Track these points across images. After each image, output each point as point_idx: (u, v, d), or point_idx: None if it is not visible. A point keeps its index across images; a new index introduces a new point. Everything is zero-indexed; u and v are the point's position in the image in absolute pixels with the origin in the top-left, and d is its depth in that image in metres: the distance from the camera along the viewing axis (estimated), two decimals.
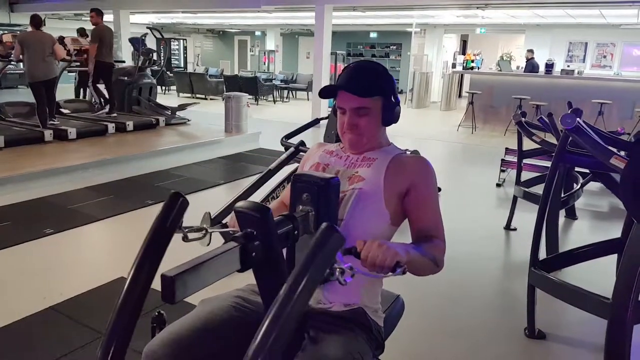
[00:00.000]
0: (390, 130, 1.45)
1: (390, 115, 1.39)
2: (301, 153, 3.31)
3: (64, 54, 6.97)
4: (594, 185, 5.10)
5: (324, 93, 1.38)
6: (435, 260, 1.24)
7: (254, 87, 13.37)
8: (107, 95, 7.89)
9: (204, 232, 1.15)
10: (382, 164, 1.35)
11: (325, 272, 0.88)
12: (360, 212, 1.28)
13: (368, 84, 1.34)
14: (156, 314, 1.56)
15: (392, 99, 1.38)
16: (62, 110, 7.68)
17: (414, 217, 1.33)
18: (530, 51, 10.79)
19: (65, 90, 7.73)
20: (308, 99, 14.11)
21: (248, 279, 1.14)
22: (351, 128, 1.36)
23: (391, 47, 18.50)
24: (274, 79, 15.38)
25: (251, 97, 12.23)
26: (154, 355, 1.13)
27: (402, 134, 8.31)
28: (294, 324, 0.79)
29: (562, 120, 2.13)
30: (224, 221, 2.86)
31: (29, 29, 6.64)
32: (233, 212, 1.24)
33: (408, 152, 1.49)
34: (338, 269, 0.92)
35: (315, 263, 0.83)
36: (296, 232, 1.09)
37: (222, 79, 14.47)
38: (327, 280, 1.03)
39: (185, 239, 1.09)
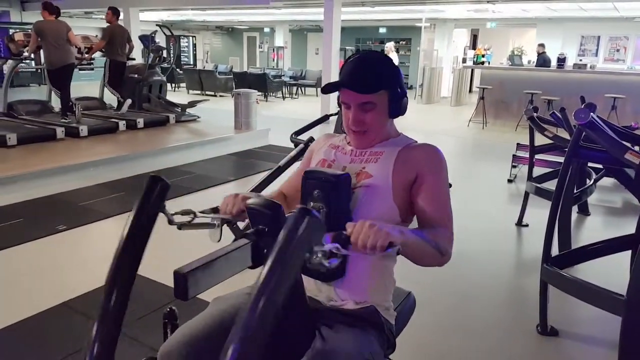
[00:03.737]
0: (400, 126, 1.42)
1: (397, 107, 1.33)
2: None
3: (79, 42, 7.07)
4: (607, 181, 5.03)
5: (327, 90, 1.34)
6: (439, 248, 1.16)
7: (263, 83, 13.37)
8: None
9: (192, 215, 1.17)
10: (390, 157, 1.31)
11: (305, 256, 0.85)
12: (368, 209, 1.25)
13: (372, 79, 1.29)
14: (168, 310, 1.57)
15: (398, 90, 1.32)
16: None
17: (419, 206, 1.27)
18: (542, 45, 10.66)
19: (74, 89, 7.78)
20: (317, 95, 14.10)
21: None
22: (357, 124, 1.31)
23: (401, 42, 18.41)
24: (283, 75, 15.37)
25: (260, 93, 12.23)
26: (169, 356, 1.13)
27: (412, 129, 8.25)
28: (272, 314, 0.75)
29: (576, 115, 2.11)
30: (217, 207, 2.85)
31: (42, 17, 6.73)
32: (224, 197, 1.25)
33: (418, 142, 1.42)
34: (320, 252, 0.88)
35: (291, 248, 0.80)
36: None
37: (232, 76, 14.49)
38: (321, 271, 1.02)
39: (170, 222, 1.11)
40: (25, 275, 2.99)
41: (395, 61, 8.29)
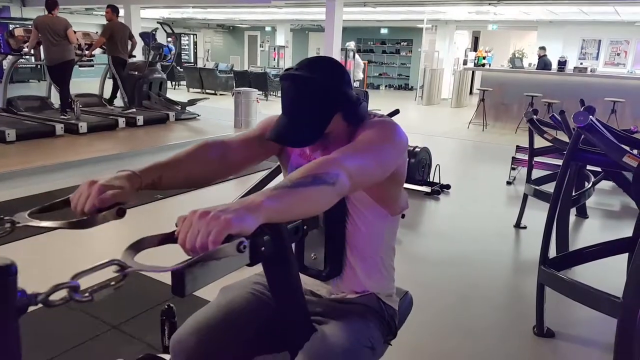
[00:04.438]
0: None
1: (356, 118, 1.16)
2: None
3: (77, 39, 7.10)
4: (605, 184, 5.04)
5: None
6: (323, 181, 0.88)
7: (264, 82, 13.38)
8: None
9: (9, 225, 0.94)
10: None
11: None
12: (352, 219, 1.23)
13: (311, 125, 1.11)
14: (166, 307, 1.57)
15: (350, 102, 1.14)
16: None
17: None
18: (542, 48, 10.67)
19: (74, 85, 7.79)
20: None
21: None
22: (317, 150, 1.20)
23: (402, 43, 18.42)
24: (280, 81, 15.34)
25: (261, 92, 12.23)
26: (181, 344, 1.15)
27: (412, 131, 8.28)
28: None
29: (575, 118, 2.11)
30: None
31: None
32: (81, 185, 1.01)
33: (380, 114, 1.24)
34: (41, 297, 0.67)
35: None
36: (305, 227, 1.09)
37: (232, 75, 14.49)
38: (315, 272, 0.88)
39: None
40: (25, 271, 2.99)
41: (360, 65, 8.11)
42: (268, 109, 10.93)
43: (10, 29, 9.19)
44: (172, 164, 1.13)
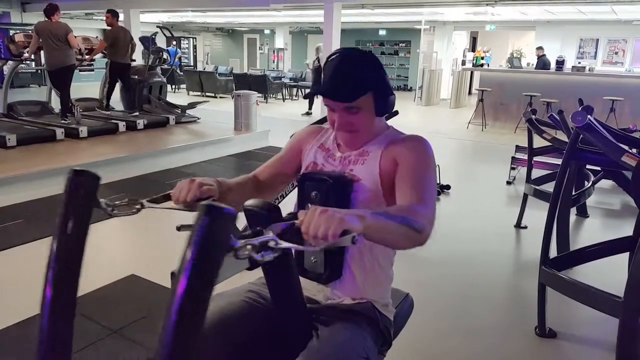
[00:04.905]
0: (399, 128, 1.41)
1: (384, 106, 1.30)
2: None
3: (77, 44, 7.10)
4: (605, 183, 5.05)
5: (309, 97, 1.34)
6: (413, 226, 1.02)
7: (263, 85, 13.39)
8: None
9: (138, 205, 1.08)
10: (376, 157, 1.29)
11: (224, 253, 0.75)
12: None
13: (353, 85, 1.24)
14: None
15: (383, 89, 1.29)
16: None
17: (397, 185, 1.21)
18: (540, 48, 10.67)
19: (74, 90, 7.80)
20: (317, 97, 14.09)
21: (261, 272, 1.15)
22: (343, 127, 1.29)
23: (400, 44, 18.43)
24: (283, 77, 15.38)
25: (260, 95, 12.24)
26: None
27: (411, 131, 8.28)
28: (202, 318, 0.70)
29: (573, 117, 2.12)
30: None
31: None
32: (179, 183, 1.18)
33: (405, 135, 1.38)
34: (250, 246, 0.80)
35: (203, 247, 0.70)
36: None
37: (232, 77, 14.51)
38: (320, 274, 0.95)
39: (111, 214, 1.03)
40: (26, 276, 3.00)
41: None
42: (268, 111, 10.95)
43: (11, 34, 9.19)
44: (234, 187, 1.32)
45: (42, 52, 7.02)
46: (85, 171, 0.91)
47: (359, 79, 1.25)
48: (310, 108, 10.70)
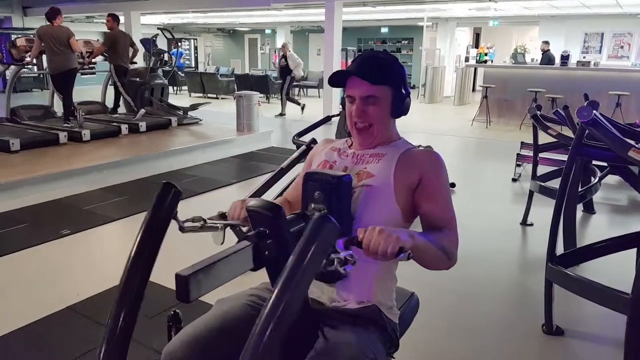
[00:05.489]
0: (403, 126, 1.42)
1: (400, 106, 1.35)
2: None
3: (79, 48, 7.13)
4: (612, 179, 5.01)
5: (335, 79, 1.37)
6: (446, 251, 1.18)
7: (265, 85, 13.38)
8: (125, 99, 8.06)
9: (202, 222, 1.19)
10: (392, 159, 1.32)
11: (322, 262, 0.87)
12: (370, 209, 1.26)
13: (378, 72, 1.32)
14: (172, 313, 1.57)
15: (403, 90, 1.35)
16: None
17: (424, 209, 1.29)
18: (546, 43, 10.59)
19: (76, 93, 7.82)
20: (319, 97, 14.08)
21: (262, 277, 1.14)
22: (360, 115, 1.33)
23: (403, 41, 18.40)
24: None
25: (262, 95, 12.24)
26: (172, 356, 1.14)
27: (415, 130, 8.26)
28: (292, 316, 0.78)
29: (578, 113, 2.09)
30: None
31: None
32: (232, 203, 1.28)
33: (420, 147, 1.45)
34: (337, 260, 0.90)
35: (311, 253, 0.82)
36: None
37: (233, 78, 14.51)
38: (329, 275, 1.01)
39: (182, 229, 1.12)
40: (30, 280, 3.00)
41: (294, 62, 8.17)
42: (270, 111, 10.94)
43: (13, 39, 9.23)
44: None
45: (44, 56, 7.04)
46: (172, 185, 1.04)
47: (385, 69, 1.33)
48: (283, 110, 10.55)
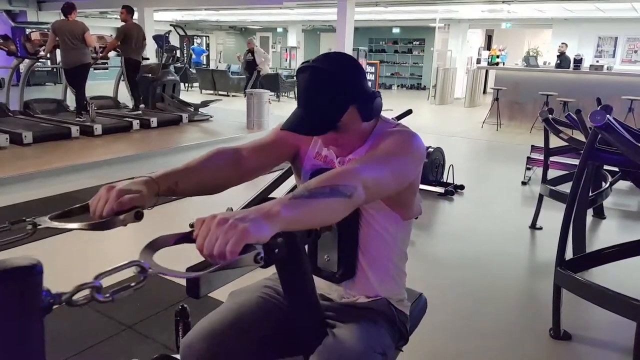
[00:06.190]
0: (413, 127, 1.37)
1: (369, 112, 1.17)
2: None
3: (94, 42, 7.20)
4: (623, 184, 4.96)
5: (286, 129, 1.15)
6: (340, 193, 0.90)
7: (276, 83, 13.40)
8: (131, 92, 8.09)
9: (30, 227, 0.96)
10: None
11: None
12: (365, 218, 1.22)
13: (325, 115, 1.12)
14: (179, 307, 1.58)
15: (366, 96, 1.15)
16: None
17: None
18: (564, 44, 10.47)
19: (89, 88, 7.89)
20: None
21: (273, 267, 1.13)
22: (329, 144, 1.21)
23: (414, 42, 18.34)
24: (296, 75, 15.37)
25: (273, 93, 12.26)
26: (190, 349, 1.15)
27: (425, 131, 8.23)
28: None
29: (592, 117, 2.08)
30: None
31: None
32: (101, 188, 1.02)
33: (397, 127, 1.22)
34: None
35: None
36: (318, 229, 1.08)
37: (244, 76, 14.54)
38: (330, 275, 0.88)
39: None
40: (45, 272, 3.03)
41: (261, 57, 8.14)
42: (280, 109, 10.96)
43: (27, 33, 9.33)
44: (186, 171, 1.16)
45: (57, 51, 7.12)
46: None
47: (329, 101, 1.12)
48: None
